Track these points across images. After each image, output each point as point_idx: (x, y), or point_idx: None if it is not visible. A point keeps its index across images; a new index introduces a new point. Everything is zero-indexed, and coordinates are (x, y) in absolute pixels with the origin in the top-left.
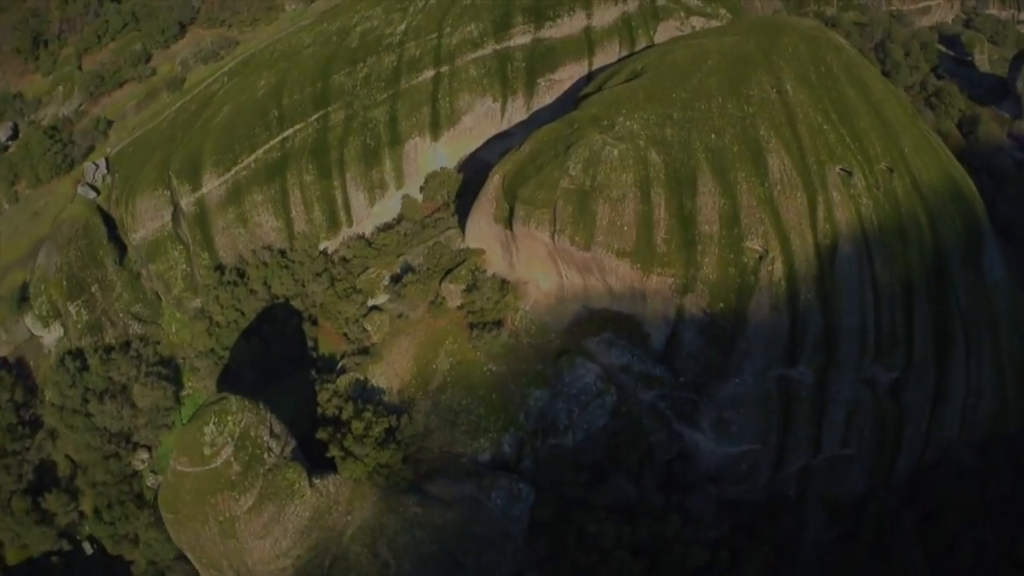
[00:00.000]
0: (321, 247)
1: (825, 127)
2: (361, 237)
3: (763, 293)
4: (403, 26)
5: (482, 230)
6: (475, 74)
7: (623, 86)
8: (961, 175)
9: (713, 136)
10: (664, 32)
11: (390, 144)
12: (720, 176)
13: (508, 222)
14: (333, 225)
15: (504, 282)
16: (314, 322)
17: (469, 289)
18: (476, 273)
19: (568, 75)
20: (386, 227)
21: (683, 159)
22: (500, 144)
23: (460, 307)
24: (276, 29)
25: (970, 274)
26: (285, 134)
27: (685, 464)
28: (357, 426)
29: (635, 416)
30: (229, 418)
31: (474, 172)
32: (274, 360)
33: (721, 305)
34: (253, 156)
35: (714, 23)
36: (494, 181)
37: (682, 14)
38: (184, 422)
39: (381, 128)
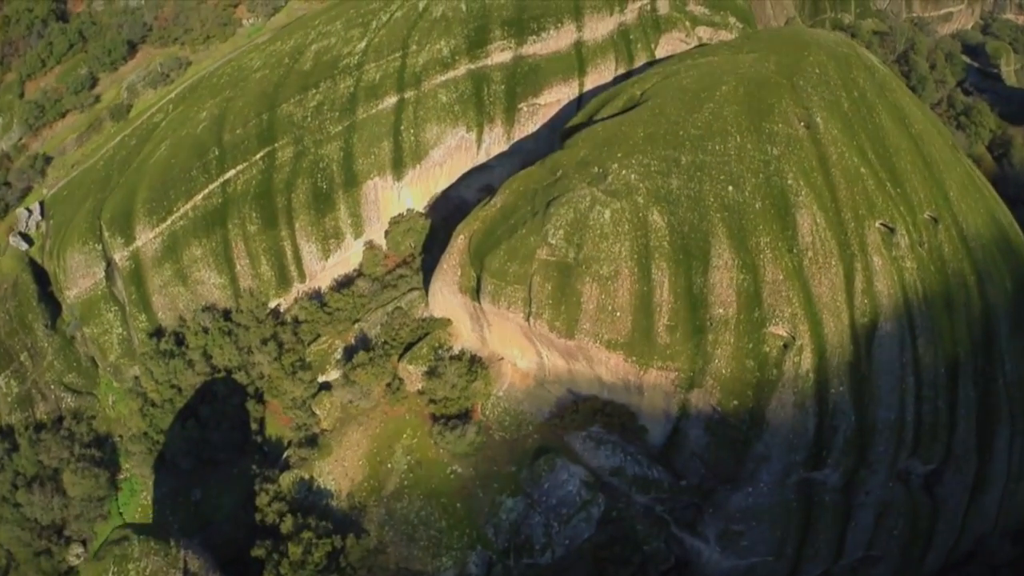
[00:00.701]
0: (272, 304)
1: (863, 171)
2: (316, 294)
3: (787, 388)
4: (363, 44)
5: (446, 299)
6: (445, 100)
7: (619, 119)
8: (1008, 220)
9: (731, 188)
10: (667, 45)
11: (344, 186)
12: (739, 243)
13: (475, 293)
14: (283, 281)
15: (473, 362)
16: (260, 398)
17: (431, 372)
18: (440, 351)
19: (555, 98)
20: (347, 280)
21: (693, 221)
22: (477, 179)
23: (420, 392)
24: (232, 47)
25: (1018, 340)
26: (226, 176)
27: (684, 575)
28: (295, 551)
29: (627, 522)
30: (131, 567)
31: (447, 213)
32: (213, 447)
33: (735, 403)
34: (191, 203)
35: (723, 34)
36: (458, 244)
37: (687, 24)
38: (121, 509)
39: (334, 167)
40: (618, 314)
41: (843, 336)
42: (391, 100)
